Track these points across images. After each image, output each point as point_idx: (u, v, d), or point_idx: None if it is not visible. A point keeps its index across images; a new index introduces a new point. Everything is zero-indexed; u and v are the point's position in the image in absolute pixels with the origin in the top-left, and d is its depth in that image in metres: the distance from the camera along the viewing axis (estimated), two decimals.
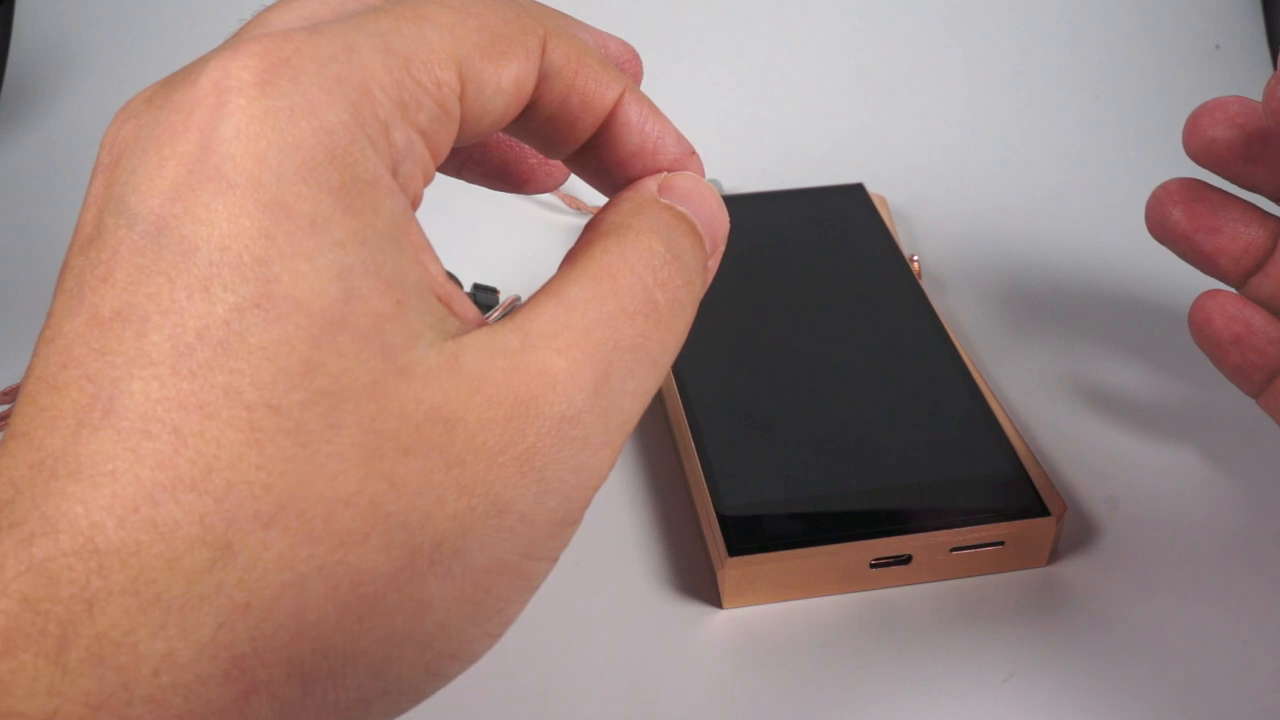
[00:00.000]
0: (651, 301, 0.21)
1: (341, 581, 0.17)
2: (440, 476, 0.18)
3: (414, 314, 0.18)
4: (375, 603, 0.18)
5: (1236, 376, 0.33)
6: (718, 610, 0.33)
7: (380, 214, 0.18)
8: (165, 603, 0.16)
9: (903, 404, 0.36)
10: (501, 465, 0.18)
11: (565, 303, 0.20)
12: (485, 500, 0.18)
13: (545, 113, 0.22)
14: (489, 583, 0.19)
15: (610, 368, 0.20)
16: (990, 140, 0.52)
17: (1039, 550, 0.33)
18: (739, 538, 0.32)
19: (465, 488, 0.18)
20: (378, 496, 0.17)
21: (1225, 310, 0.32)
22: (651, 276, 0.21)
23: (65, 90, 0.55)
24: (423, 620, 0.18)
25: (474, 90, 0.20)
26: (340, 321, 0.17)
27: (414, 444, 0.18)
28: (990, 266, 0.45)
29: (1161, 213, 0.32)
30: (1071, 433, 0.38)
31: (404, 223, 0.19)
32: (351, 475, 0.17)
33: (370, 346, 0.18)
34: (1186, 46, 0.56)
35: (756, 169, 0.48)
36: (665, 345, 0.21)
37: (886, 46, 0.56)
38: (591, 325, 0.20)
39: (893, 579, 0.33)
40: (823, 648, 0.32)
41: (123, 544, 0.16)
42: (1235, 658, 0.31)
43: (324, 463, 0.17)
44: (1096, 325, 0.42)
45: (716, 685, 0.31)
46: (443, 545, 0.18)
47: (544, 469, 0.19)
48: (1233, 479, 0.37)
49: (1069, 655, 0.31)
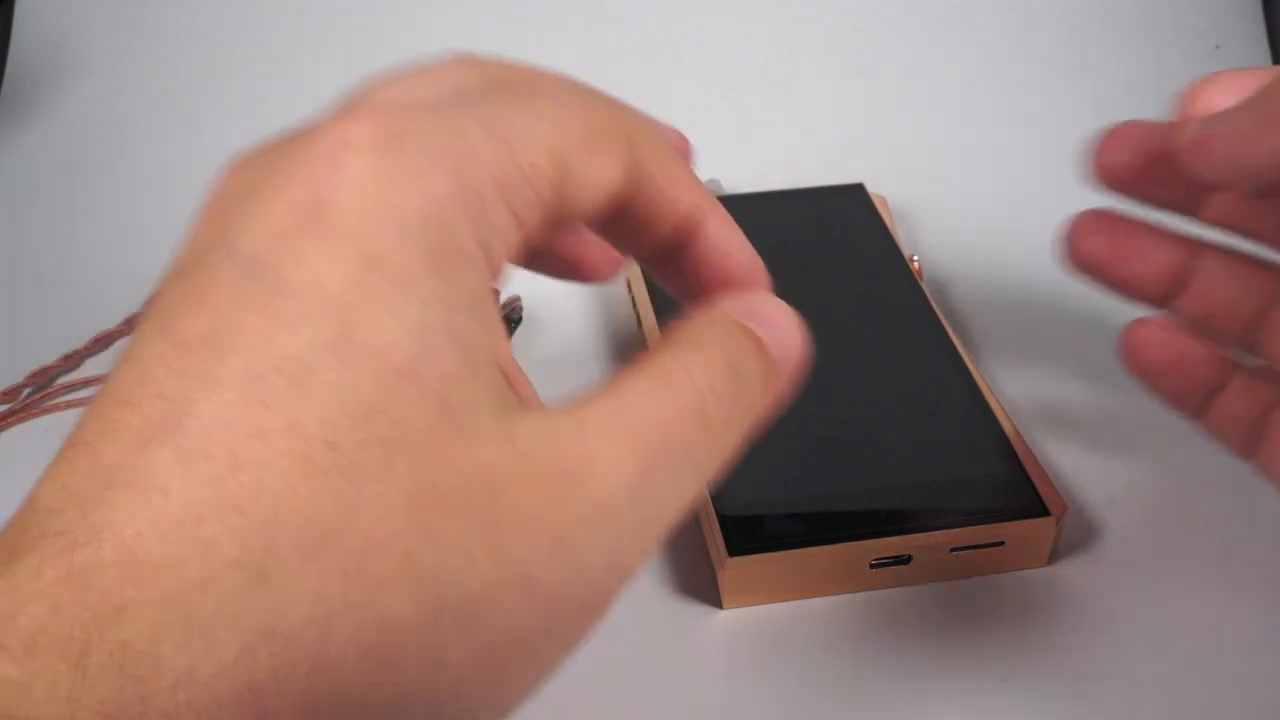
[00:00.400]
0: (704, 412, 0.21)
1: (367, 623, 0.17)
2: (477, 539, 0.18)
3: (480, 382, 0.19)
4: (396, 651, 0.18)
5: (1175, 403, 0.32)
6: (718, 610, 0.33)
7: (466, 282, 0.19)
8: (194, 619, 0.16)
9: (903, 404, 0.36)
10: (536, 539, 0.19)
11: (621, 398, 0.20)
12: (516, 570, 0.18)
13: (628, 210, 0.23)
14: (505, 654, 0.19)
15: (653, 465, 0.20)
16: (990, 140, 0.52)
17: (1039, 550, 0.33)
18: (739, 538, 0.32)
19: (499, 554, 0.18)
20: (414, 546, 0.18)
21: (1156, 338, 0.32)
22: (708, 387, 0.21)
23: (65, 90, 0.55)
24: (437, 679, 0.18)
25: (568, 180, 0.21)
26: (410, 373, 0.18)
27: (458, 502, 0.18)
28: (990, 266, 0.45)
29: (1076, 244, 0.32)
30: (1071, 433, 0.38)
31: (485, 295, 0.20)
32: (394, 521, 0.18)
33: (434, 401, 0.18)
34: (1186, 46, 0.56)
35: (756, 169, 0.48)
36: (712, 456, 0.22)
37: (886, 46, 0.56)
38: (641, 422, 0.20)
39: (892, 579, 0.33)
40: (823, 648, 0.32)
41: (162, 558, 0.16)
42: (1235, 658, 0.31)
43: (371, 504, 0.17)
44: (1096, 325, 0.42)
45: (716, 685, 0.31)
46: (468, 607, 0.18)
47: (576, 552, 0.19)
48: (1232, 479, 0.37)
49: (1069, 655, 0.31)
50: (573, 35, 0.56)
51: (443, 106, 0.20)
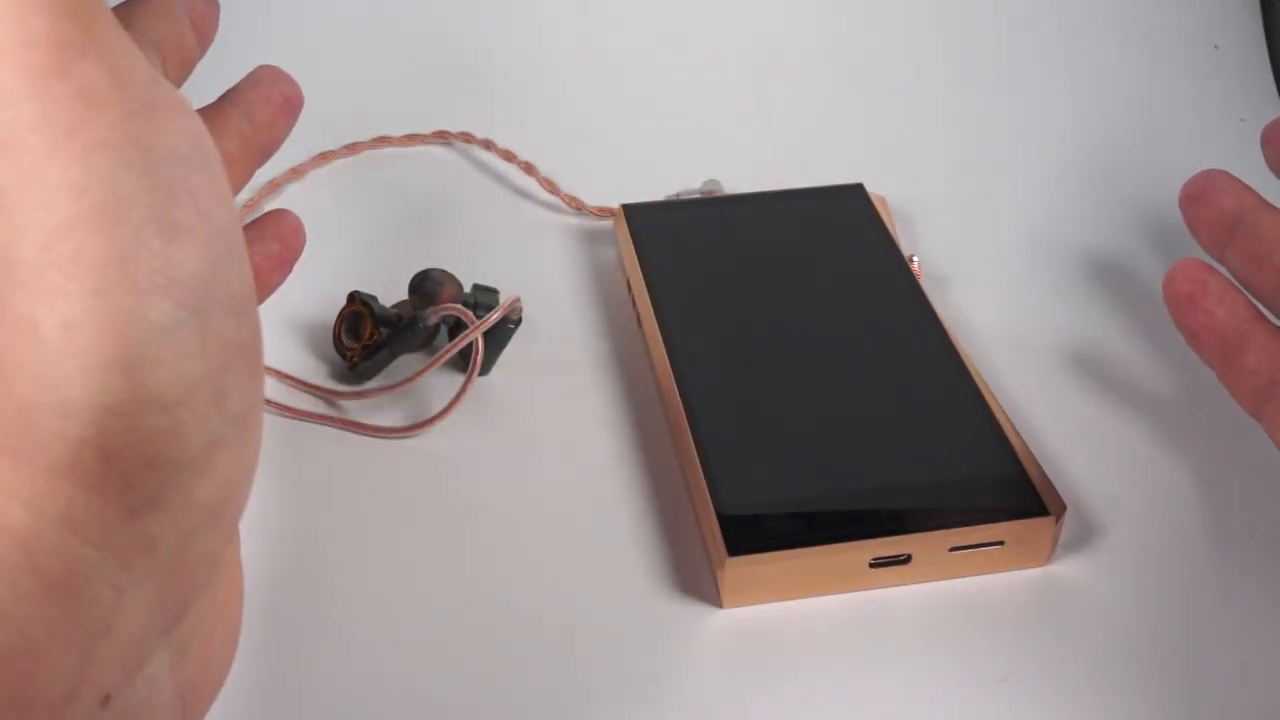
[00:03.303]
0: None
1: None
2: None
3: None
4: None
5: (1193, 340, 0.35)
6: (718, 610, 0.33)
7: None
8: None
9: (903, 404, 0.36)
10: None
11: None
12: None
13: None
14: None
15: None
16: (990, 140, 0.52)
17: (1039, 550, 0.33)
18: (739, 538, 0.32)
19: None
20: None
21: (1186, 271, 0.35)
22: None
23: None
24: (41, 338, 0.18)
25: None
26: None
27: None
28: (990, 266, 0.45)
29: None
30: (1071, 433, 0.38)
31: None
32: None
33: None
34: (1185, 46, 0.56)
35: (756, 169, 0.48)
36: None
37: (886, 47, 0.56)
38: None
39: (892, 579, 0.33)
40: (823, 647, 0.32)
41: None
42: (1234, 657, 0.32)
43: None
44: (1097, 325, 0.42)
45: (716, 685, 0.31)
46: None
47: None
48: (1232, 479, 0.37)
49: (1068, 655, 0.32)
50: (574, 35, 0.56)
51: None
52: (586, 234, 0.46)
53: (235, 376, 0.20)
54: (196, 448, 0.19)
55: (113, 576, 0.19)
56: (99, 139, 0.18)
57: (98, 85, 0.18)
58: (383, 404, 0.39)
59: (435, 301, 0.39)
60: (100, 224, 0.18)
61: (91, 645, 0.19)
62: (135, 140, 0.19)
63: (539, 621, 0.32)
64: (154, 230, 0.19)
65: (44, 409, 0.18)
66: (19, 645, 0.18)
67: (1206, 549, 0.34)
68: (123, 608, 0.19)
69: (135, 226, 0.18)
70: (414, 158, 0.50)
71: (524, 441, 0.38)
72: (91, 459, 0.18)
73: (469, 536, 0.35)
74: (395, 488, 0.36)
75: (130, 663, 0.19)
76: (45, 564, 0.18)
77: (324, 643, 0.32)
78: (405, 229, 0.46)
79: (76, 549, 0.18)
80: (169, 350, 0.19)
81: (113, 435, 0.18)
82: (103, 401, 0.18)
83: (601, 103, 0.53)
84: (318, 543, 0.34)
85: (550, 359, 0.41)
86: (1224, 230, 0.35)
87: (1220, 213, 0.35)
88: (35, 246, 0.18)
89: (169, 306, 0.19)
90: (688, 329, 0.39)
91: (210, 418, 0.19)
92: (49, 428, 0.18)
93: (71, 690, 0.18)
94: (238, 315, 0.20)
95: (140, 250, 0.18)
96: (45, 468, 0.18)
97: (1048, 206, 0.48)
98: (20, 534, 0.18)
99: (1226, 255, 0.35)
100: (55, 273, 0.18)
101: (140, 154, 0.19)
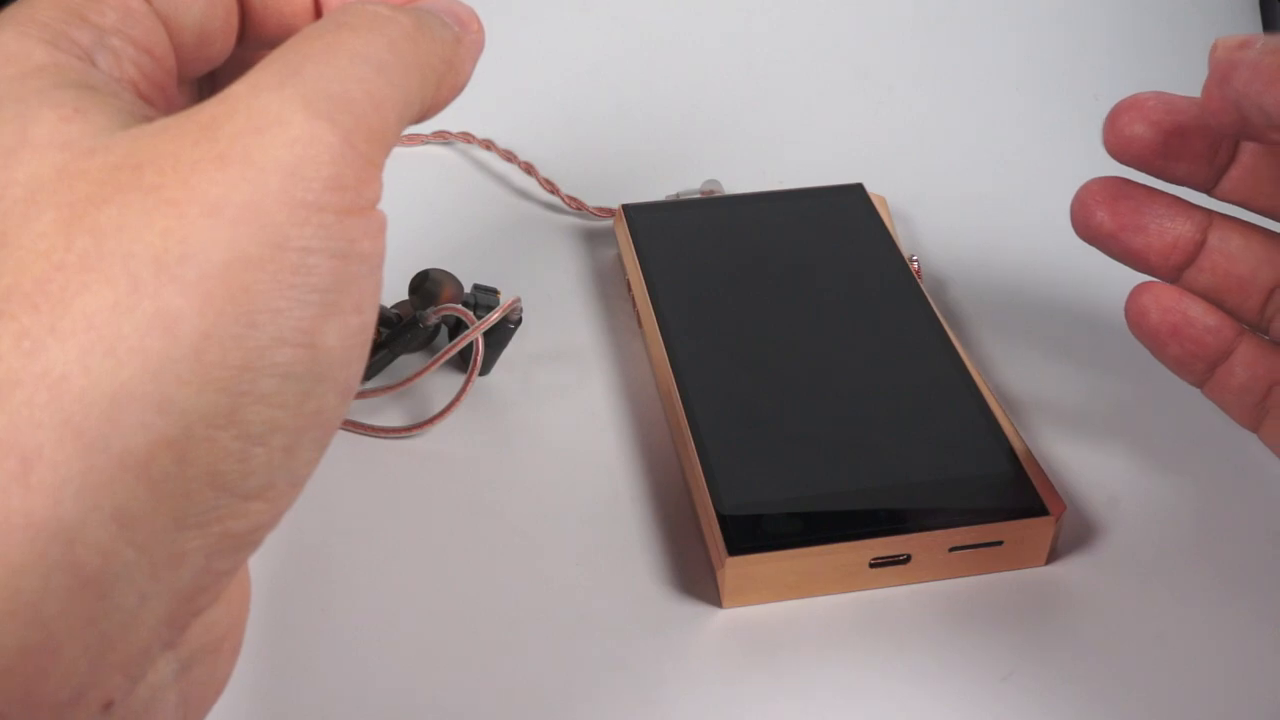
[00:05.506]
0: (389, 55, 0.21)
1: (78, 329, 0.18)
2: (138, 204, 0.18)
3: (96, 113, 0.20)
4: (116, 332, 0.18)
5: (1178, 368, 0.32)
6: (718, 610, 0.33)
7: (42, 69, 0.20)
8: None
9: (902, 404, 0.36)
10: (201, 167, 0.19)
11: (285, 63, 0.20)
12: (197, 201, 0.18)
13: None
14: (242, 278, 0.19)
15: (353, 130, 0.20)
16: (990, 140, 0.52)
17: (1038, 550, 0.33)
18: (739, 537, 0.32)
19: (169, 199, 0.18)
20: (87, 249, 0.18)
21: (1161, 303, 0.32)
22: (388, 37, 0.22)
23: None
24: (178, 335, 0.18)
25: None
26: (20, 145, 0.19)
27: (107, 194, 0.18)
28: (990, 266, 0.45)
29: (1086, 213, 0.32)
30: (1071, 433, 0.38)
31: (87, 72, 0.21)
32: (57, 244, 0.18)
33: (53, 147, 0.19)
34: (1185, 46, 0.56)
35: (756, 169, 0.48)
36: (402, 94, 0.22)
37: (886, 47, 0.56)
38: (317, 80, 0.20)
39: (892, 578, 0.33)
40: (823, 647, 0.32)
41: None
42: (1234, 657, 0.32)
43: (31, 244, 0.18)
44: (1096, 325, 0.42)
45: (716, 685, 0.31)
46: (163, 256, 0.18)
47: (247, 155, 0.19)
48: (1232, 479, 0.37)
49: (1068, 655, 0.32)
50: (574, 35, 0.56)
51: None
52: (586, 234, 0.46)
53: (310, 441, 0.21)
54: (253, 485, 0.20)
55: (141, 583, 0.19)
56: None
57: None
58: (383, 404, 0.39)
59: (435, 301, 0.39)
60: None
61: (105, 649, 0.19)
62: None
63: (539, 621, 0.32)
64: (319, 308, 0.20)
65: (142, 400, 0.18)
66: (42, 643, 0.18)
67: (1206, 549, 0.34)
68: (139, 616, 0.19)
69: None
70: (414, 158, 0.50)
71: (524, 441, 0.38)
72: (167, 459, 0.18)
73: (469, 536, 0.35)
74: (395, 488, 0.36)
75: (134, 671, 0.20)
76: (83, 558, 0.18)
77: (324, 642, 0.32)
78: (405, 229, 0.46)
79: (120, 547, 0.18)
80: (276, 394, 0.19)
81: (196, 442, 0.19)
82: (202, 409, 0.18)
83: (601, 103, 0.53)
84: (318, 542, 0.34)
85: (550, 359, 0.41)
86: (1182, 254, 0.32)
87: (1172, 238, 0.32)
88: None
89: (295, 358, 0.19)
90: (688, 329, 0.39)
91: (276, 465, 0.20)
92: (138, 419, 0.18)
93: (78, 693, 0.18)
94: (340, 396, 0.21)
95: (300, 312, 0.19)
96: (117, 457, 0.18)
97: (1048, 206, 0.48)
98: (65, 525, 0.18)
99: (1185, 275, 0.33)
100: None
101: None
